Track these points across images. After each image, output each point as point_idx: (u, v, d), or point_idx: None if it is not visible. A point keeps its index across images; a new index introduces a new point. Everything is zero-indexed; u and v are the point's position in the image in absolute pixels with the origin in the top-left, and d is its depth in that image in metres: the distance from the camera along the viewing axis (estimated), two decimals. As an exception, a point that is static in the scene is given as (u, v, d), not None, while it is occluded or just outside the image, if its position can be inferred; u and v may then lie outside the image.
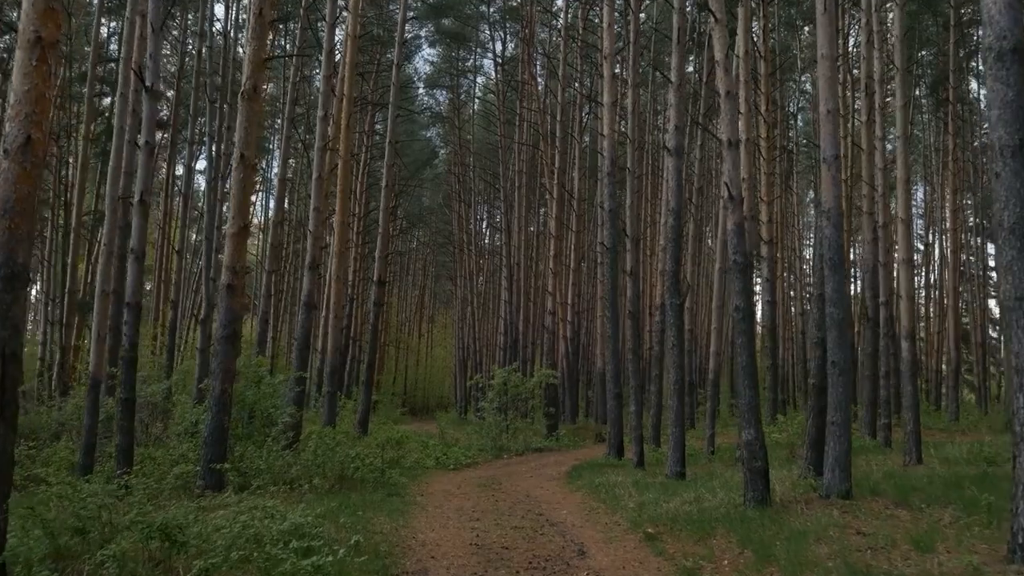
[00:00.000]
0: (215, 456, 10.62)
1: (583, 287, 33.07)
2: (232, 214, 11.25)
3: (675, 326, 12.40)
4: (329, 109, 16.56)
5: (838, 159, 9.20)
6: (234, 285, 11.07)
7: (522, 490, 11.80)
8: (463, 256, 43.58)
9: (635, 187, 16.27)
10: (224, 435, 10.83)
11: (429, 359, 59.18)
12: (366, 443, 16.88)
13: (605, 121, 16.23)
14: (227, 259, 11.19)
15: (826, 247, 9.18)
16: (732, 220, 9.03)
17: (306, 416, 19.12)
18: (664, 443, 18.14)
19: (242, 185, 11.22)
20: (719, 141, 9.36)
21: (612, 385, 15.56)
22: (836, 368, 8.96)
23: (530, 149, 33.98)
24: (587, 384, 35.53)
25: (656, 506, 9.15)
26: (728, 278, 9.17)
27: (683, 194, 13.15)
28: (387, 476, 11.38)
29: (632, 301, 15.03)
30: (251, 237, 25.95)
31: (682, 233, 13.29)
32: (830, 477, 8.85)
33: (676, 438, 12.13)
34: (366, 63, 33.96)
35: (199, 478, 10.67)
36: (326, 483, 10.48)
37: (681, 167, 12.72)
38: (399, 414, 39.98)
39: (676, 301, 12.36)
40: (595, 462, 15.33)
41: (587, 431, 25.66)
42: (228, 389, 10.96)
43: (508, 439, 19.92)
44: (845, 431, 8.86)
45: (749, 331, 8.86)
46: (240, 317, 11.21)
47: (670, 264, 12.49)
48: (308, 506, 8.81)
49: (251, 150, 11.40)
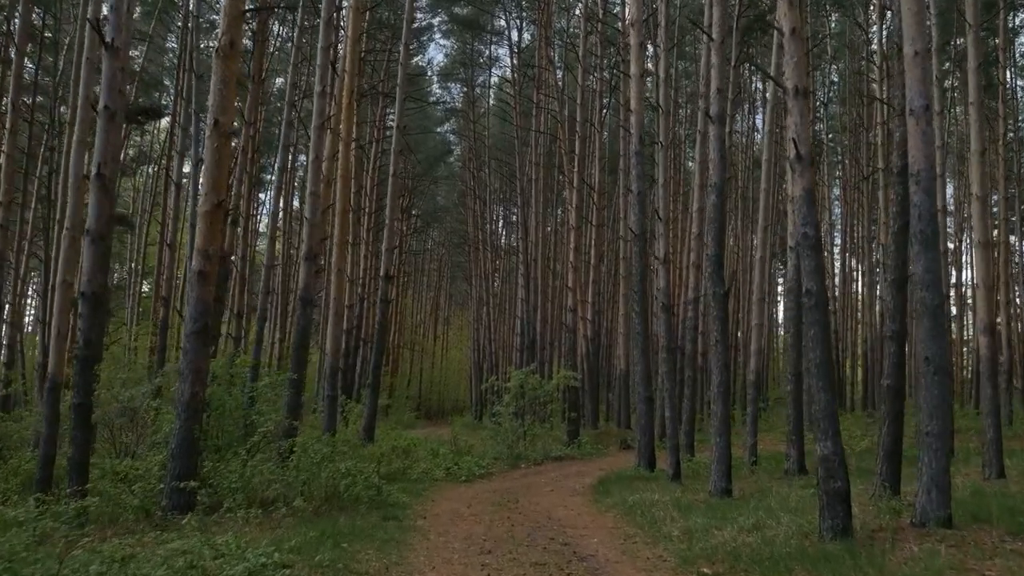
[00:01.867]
0: (183, 472, 9.08)
1: (603, 285, 31.44)
2: (205, 189, 9.70)
3: (719, 319, 10.71)
4: (327, 84, 14.99)
5: (928, 110, 7.49)
6: (206, 272, 9.52)
7: (542, 509, 10.15)
8: (478, 255, 42.12)
9: (667, 163, 14.60)
10: (193, 447, 9.29)
11: (444, 361, 57.85)
12: (370, 452, 15.32)
13: (633, 94, 14.56)
14: (199, 241, 9.64)
15: (916, 218, 7.47)
16: (800, 185, 7.34)
17: (309, 422, 17.60)
18: (700, 452, 16.47)
19: (217, 156, 9.67)
20: (782, 89, 7.67)
21: (642, 387, 13.88)
22: (931, 366, 7.24)
23: (547, 142, 32.40)
24: (607, 386, 33.87)
25: (707, 535, 7.47)
26: (798, 255, 7.46)
27: (727, 166, 11.47)
28: (385, 494, 9.75)
29: (665, 292, 13.33)
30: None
31: (725, 211, 11.60)
32: (925, 500, 7.13)
33: (721, 449, 10.43)
34: (377, 51, 32.51)
35: (164, 497, 9.14)
36: (311, 504, 8.88)
37: (724, 136, 11.03)
38: (413, 418, 38.64)
39: (720, 290, 10.67)
40: (624, 474, 13.64)
41: (610, 437, 23.96)
42: (199, 393, 9.42)
43: (526, 446, 18.29)
44: (944, 444, 7.15)
45: (823, 321, 7.16)
46: (212, 309, 9.66)
47: (712, 248, 10.80)
48: (282, 536, 7.21)
49: (227, 116, 9.86)
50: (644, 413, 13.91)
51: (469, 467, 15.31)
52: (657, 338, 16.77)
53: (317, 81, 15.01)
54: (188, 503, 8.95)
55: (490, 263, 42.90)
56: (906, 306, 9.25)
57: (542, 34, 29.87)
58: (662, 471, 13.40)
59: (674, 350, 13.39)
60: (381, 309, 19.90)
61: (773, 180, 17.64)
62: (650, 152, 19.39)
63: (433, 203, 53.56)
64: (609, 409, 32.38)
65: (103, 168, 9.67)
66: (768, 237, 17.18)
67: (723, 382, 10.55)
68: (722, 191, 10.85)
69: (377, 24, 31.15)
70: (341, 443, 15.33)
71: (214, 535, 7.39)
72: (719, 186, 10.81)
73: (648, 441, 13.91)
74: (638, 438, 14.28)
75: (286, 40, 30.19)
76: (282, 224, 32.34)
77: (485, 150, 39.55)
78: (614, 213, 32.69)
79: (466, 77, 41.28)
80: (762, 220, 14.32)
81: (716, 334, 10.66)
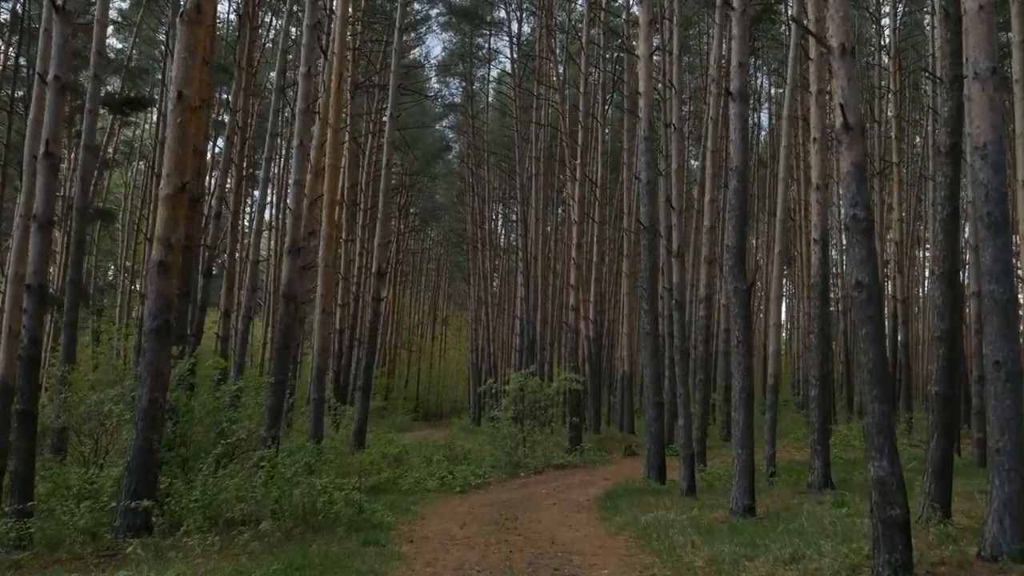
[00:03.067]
0: (139, 488, 8.03)
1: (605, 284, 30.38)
2: (167, 170, 8.63)
3: (741, 317, 9.64)
4: (313, 65, 13.93)
5: (995, 73, 6.44)
6: (167, 263, 8.46)
7: (545, 529, 9.08)
8: (477, 254, 41.08)
9: (680, 148, 13.52)
10: (152, 459, 8.22)
11: (443, 363, 56.82)
12: (358, 461, 14.26)
13: (642, 76, 13.50)
14: (159, 228, 8.57)
15: (981, 199, 6.41)
16: (849, 158, 6.28)
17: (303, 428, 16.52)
18: (712, 462, 15.42)
19: (180, 132, 8.61)
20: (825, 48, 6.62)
21: (651, 391, 12.81)
22: (1001, 371, 6.19)
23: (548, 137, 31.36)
24: (608, 389, 32.82)
25: (737, 568, 6.42)
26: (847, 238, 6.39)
27: (748, 148, 10.41)
28: (368, 512, 8.66)
29: (678, 289, 12.24)
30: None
31: (747, 198, 10.55)
32: (996, 530, 6.07)
33: (743, 462, 9.37)
34: (373, 40, 31.45)
35: (118, 517, 8.08)
36: (282, 526, 7.82)
37: (746, 114, 9.96)
38: (410, 420, 37.57)
39: (742, 286, 9.61)
40: (631, 486, 12.57)
41: (613, 442, 22.90)
42: (159, 399, 8.36)
43: (525, 453, 17.21)
44: (1018, 463, 6.09)
45: (877, 318, 6.08)
46: (175, 304, 8.59)
47: (734, 238, 9.73)
48: (242, 567, 6.16)
49: (192, 88, 8.80)
50: (653, 419, 12.85)
51: (465, 476, 14.25)
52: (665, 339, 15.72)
53: (303, 61, 13.96)
54: (143, 524, 7.91)
55: (489, 262, 41.89)
56: (956, 303, 8.21)
57: (543, 23, 28.85)
58: (673, 482, 12.34)
59: (687, 351, 12.32)
60: (373, 307, 18.80)
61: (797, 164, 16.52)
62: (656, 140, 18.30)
63: (431, 201, 52.58)
64: (611, 413, 31.35)
65: (51, 146, 8.63)
66: (786, 231, 16.10)
67: (746, 387, 9.48)
68: (744, 176, 9.79)
69: (372, 12, 30.09)
70: (328, 451, 14.30)
71: (165, 566, 6.35)
72: (741, 170, 9.74)
73: (658, 450, 12.85)
74: (647, 446, 13.22)
75: (280, 31, 29.16)
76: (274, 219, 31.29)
77: (484, 146, 38.49)
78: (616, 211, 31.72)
79: (465, 71, 40.23)
80: (780, 212, 13.28)
81: (738, 333, 9.59)
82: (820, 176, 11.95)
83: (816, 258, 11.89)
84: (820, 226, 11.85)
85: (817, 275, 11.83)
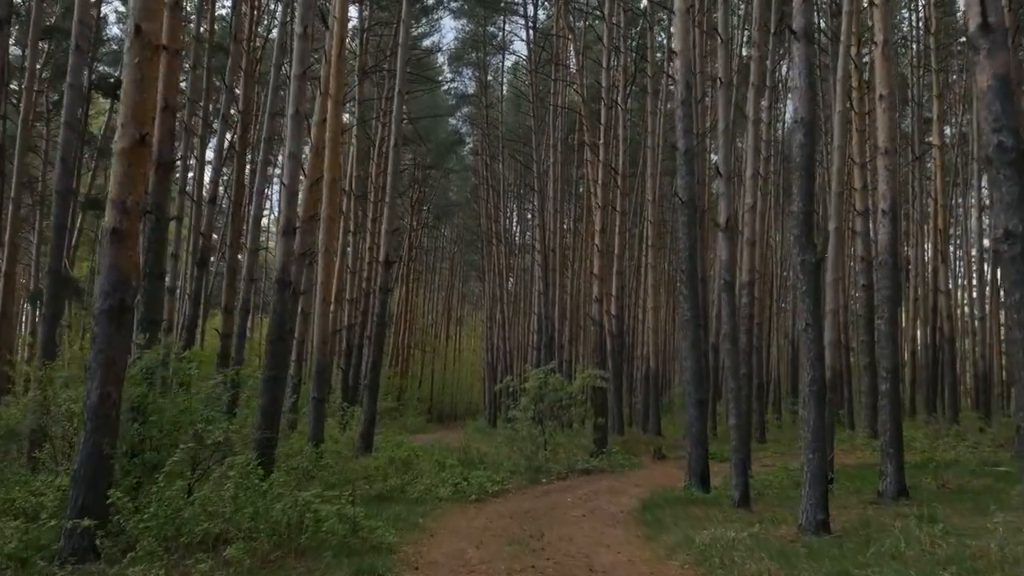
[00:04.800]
0: (88, 502, 6.63)
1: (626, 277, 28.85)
2: (122, 119, 7.19)
3: (809, 296, 8.09)
4: (309, 24, 12.47)
5: None
6: (122, 231, 7.02)
7: (578, 550, 7.56)
8: (492, 251, 39.67)
9: (728, 105, 11.87)
10: (103, 468, 6.80)
11: (457, 363, 55.48)
12: (362, 466, 12.82)
13: (677, 33, 11.99)
14: (113, 189, 7.13)
15: None
16: (990, 69, 4.73)
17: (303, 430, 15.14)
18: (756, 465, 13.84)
19: (139, 74, 7.17)
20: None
21: (692, 387, 11.26)
22: None
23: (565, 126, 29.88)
24: (629, 388, 31.26)
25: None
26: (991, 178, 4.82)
27: (815, 97, 8.87)
28: (366, 531, 7.14)
29: (727, 268, 10.67)
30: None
31: (815, 154, 9.00)
32: None
33: (815, 468, 7.81)
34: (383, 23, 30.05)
35: (62, 537, 6.66)
36: (258, 550, 6.34)
37: (812, 56, 8.42)
38: (423, 422, 36.17)
39: (810, 258, 8.06)
40: (671, 495, 11.02)
41: (639, 445, 21.34)
42: (112, 394, 6.93)
43: (546, 457, 15.72)
44: None
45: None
46: (133, 281, 7.14)
47: (800, 202, 8.17)
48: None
49: (153, 23, 7.36)
50: (696, 419, 11.30)
51: (481, 483, 12.74)
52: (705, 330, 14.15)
53: (298, 21, 12.50)
54: (89, 548, 6.48)
55: (504, 259, 40.45)
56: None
57: (560, 1, 27.31)
58: (718, 490, 10.80)
59: (737, 341, 10.76)
60: (381, 299, 17.40)
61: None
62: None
63: (445, 198, 51.34)
64: (632, 413, 29.82)
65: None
66: (843, 204, 14.49)
67: (817, 378, 7.92)
68: (812, 128, 8.24)
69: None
70: (330, 454, 12.89)
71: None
72: (808, 122, 8.20)
73: (701, 454, 11.29)
74: (688, 450, 11.65)
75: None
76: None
77: (499, 139, 37.03)
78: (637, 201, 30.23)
79: (478, 60, 38.83)
80: (835, 185, 11.74)
81: (807, 316, 8.04)
82: (887, 139, 10.38)
83: (884, 232, 10.30)
84: (889, 196, 10.28)
85: (885, 252, 10.26)
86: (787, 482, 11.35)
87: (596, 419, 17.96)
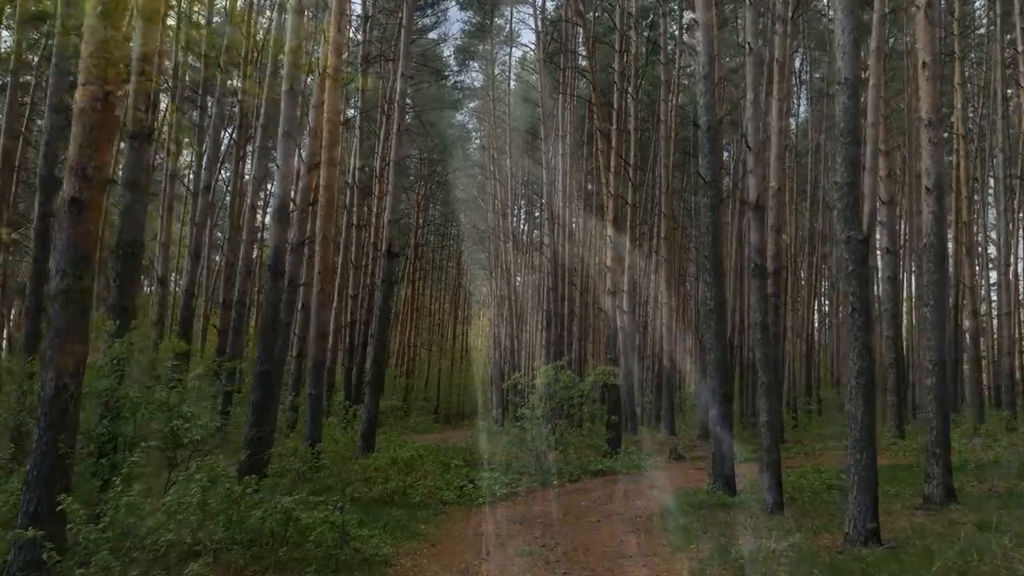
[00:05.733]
0: (41, 508, 5.83)
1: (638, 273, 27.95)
2: (83, 76, 6.36)
3: (856, 277, 7.21)
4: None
5: None
6: (82, 201, 6.20)
7: (599, 563, 6.71)
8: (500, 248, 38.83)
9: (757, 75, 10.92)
10: (60, 471, 5.99)
11: (464, 362, 54.62)
12: (361, 467, 12.01)
13: (699, 2, 11.13)
14: (73, 154, 6.31)
15: None
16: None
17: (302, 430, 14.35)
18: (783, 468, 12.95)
19: (103, 21, 6.36)
20: None
21: (716, 381, 10.38)
22: None
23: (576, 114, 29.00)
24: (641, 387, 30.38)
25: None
26: None
27: (860, 53, 8.01)
28: (357, 541, 6.29)
29: (757, 250, 9.75)
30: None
31: (859, 119, 8.13)
32: None
33: (864, 471, 6.95)
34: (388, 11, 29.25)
35: (12, 548, 5.86)
36: (232, 564, 5.51)
37: (857, 11, 7.55)
38: (430, 421, 35.38)
39: (857, 235, 7.19)
40: (694, 498, 10.14)
41: (653, 445, 20.46)
42: (70, 387, 6.11)
43: (557, 458, 14.87)
44: None
45: None
46: (93, 258, 6.33)
47: (844, 173, 7.30)
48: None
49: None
50: (720, 417, 10.42)
51: (488, 485, 11.93)
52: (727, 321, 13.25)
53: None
54: (39, 561, 5.67)
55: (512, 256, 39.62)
56: None
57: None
58: (751, 497, 9.92)
59: (768, 327, 9.87)
60: (384, 292, 16.50)
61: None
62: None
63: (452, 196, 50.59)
64: (643, 412, 28.95)
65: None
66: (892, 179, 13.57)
67: (865, 369, 7.05)
68: (857, 90, 7.36)
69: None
70: (329, 454, 12.10)
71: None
72: (852, 83, 7.32)
73: (727, 454, 10.40)
74: (712, 449, 10.76)
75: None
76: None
77: (507, 135, 36.17)
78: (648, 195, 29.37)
79: (485, 52, 37.98)
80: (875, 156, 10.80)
81: (854, 301, 7.16)
82: (932, 109, 9.49)
83: (929, 211, 9.42)
84: (935, 171, 9.39)
85: (931, 232, 9.37)
86: (820, 485, 10.50)
87: (609, 418, 17.13)
